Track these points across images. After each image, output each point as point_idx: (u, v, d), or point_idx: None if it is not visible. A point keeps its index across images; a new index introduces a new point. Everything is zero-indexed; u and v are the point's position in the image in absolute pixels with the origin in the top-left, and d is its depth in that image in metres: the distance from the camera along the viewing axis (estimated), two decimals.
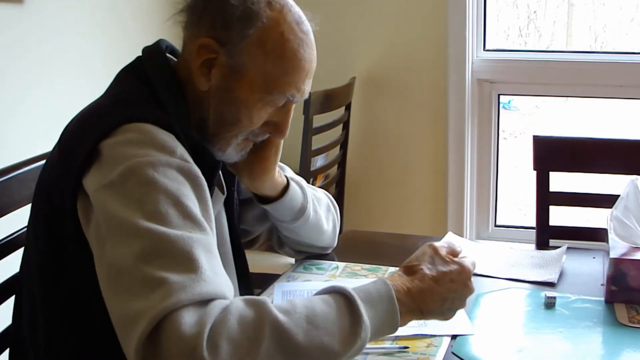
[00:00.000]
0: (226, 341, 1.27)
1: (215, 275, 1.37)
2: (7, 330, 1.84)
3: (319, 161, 3.98)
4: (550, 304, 1.85)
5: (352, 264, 2.14)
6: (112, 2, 3.62)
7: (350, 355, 1.39)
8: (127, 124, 1.51)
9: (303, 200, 1.97)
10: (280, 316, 1.34)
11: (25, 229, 1.86)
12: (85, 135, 1.54)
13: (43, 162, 1.89)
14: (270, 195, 1.94)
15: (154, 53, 1.73)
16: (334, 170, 4.03)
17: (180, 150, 1.53)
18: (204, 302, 1.31)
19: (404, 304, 1.50)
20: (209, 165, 1.66)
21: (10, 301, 1.82)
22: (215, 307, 1.31)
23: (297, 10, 1.69)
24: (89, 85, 3.22)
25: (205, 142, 1.68)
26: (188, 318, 1.27)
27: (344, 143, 4.03)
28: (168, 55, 1.75)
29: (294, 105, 1.73)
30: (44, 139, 2.04)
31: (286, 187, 1.94)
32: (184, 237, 1.38)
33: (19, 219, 1.88)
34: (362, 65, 4.28)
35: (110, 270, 1.38)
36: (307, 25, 1.70)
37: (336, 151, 3.99)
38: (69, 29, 3.33)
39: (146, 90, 1.66)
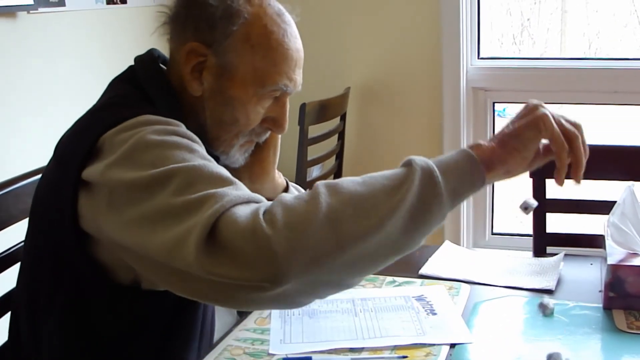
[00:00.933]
0: (282, 210, 1.28)
1: (250, 191, 1.40)
2: (3, 346, 1.84)
3: (314, 171, 3.97)
4: (548, 311, 1.84)
5: None
6: (104, 17, 3.62)
7: (420, 189, 1.37)
8: (126, 121, 1.51)
9: None
10: (336, 180, 1.36)
11: (21, 244, 1.86)
12: (83, 136, 1.54)
13: (39, 176, 1.89)
14: (270, 198, 1.93)
15: (147, 63, 1.74)
16: None
17: (182, 125, 1.54)
18: (252, 201, 1.34)
19: (478, 146, 1.48)
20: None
21: (6, 317, 1.82)
22: (265, 203, 1.33)
23: (275, 3, 1.70)
24: (83, 100, 3.15)
25: (207, 148, 1.68)
26: (241, 212, 1.29)
27: (339, 153, 4.03)
28: (161, 65, 1.76)
29: (288, 98, 1.73)
30: (39, 154, 2.04)
31: (285, 189, 1.94)
32: (209, 164, 1.41)
33: (15, 233, 1.87)
34: (356, 75, 4.29)
35: (145, 218, 1.37)
36: (289, 17, 1.71)
37: (332, 161, 3.99)
38: (62, 44, 3.34)
39: (140, 95, 1.66)
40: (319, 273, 1.29)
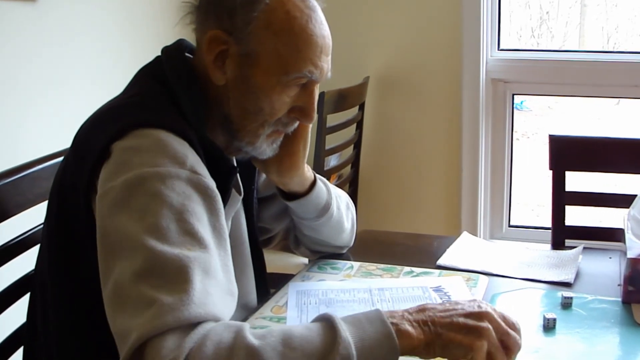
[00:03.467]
0: None
1: (208, 296, 1.35)
2: (22, 328, 1.85)
3: (332, 161, 3.97)
4: (566, 304, 1.83)
5: (367, 263, 2.12)
6: (125, 2, 3.62)
7: None
8: (140, 129, 1.50)
9: (327, 197, 1.96)
10: (256, 341, 1.29)
11: (40, 227, 1.87)
12: (99, 135, 1.53)
13: (55, 160, 1.90)
14: (297, 191, 1.92)
15: (173, 53, 1.73)
16: (347, 170, 4.02)
17: (192, 160, 1.51)
18: (190, 325, 1.30)
19: (408, 336, 1.36)
20: (225, 171, 1.64)
21: (24, 299, 1.82)
22: (198, 333, 1.29)
23: None
24: (102, 84, 3.25)
25: (233, 139, 1.67)
26: (169, 343, 1.27)
27: (357, 142, 4.02)
28: (188, 55, 1.74)
29: (316, 87, 1.70)
30: (57, 138, 2.04)
31: (313, 182, 1.93)
32: (181, 256, 1.37)
33: (32, 217, 1.87)
34: (375, 64, 4.28)
35: (113, 285, 1.38)
36: (313, 2, 1.68)
37: (350, 151, 3.98)
38: (82, 28, 3.33)
39: (163, 92, 1.64)
40: None
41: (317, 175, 1.96)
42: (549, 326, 1.73)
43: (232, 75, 1.64)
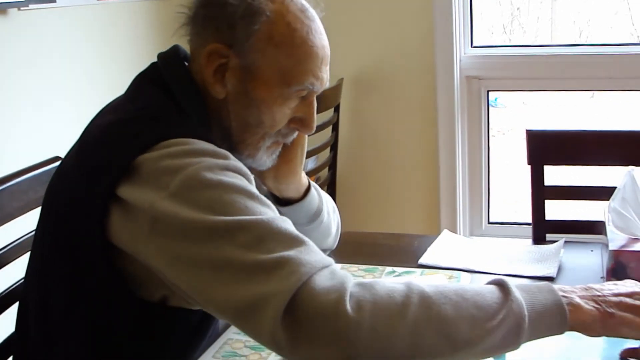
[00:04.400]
0: (372, 304, 1.24)
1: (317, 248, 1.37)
2: (8, 340, 1.84)
3: (309, 164, 3.96)
4: None
5: (349, 265, 2.12)
6: (97, 12, 3.60)
7: (504, 333, 1.32)
8: (166, 140, 1.47)
9: (319, 203, 1.94)
10: (429, 287, 1.31)
11: (19, 240, 1.85)
12: (117, 150, 1.49)
13: (34, 172, 1.88)
14: (292, 197, 1.91)
15: (171, 60, 1.69)
16: (324, 173, 4.02)
17: (230, 154, 1.50)
18: (325, 268, 1.30)
19: (578, 308, 1.39)
20: None
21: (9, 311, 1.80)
22: (339, 271, 1.30)
23: None
24: (80, 96, 3.22)
25: (233, 151, 1.64)
26: (321, 283, 1.25)
27: (333, 145, 4.02)
28: (185, 63, 1.71)
29: (315, 97, 1.69)
30: (38, 151, 2.02)
31: (307, 188, 1.92)
32: (274, 217, 1.37)
33: (12, 230, 1.86)
34: (349, 66, 4.27)
35: (209, 267, 1.33)
36: (312, 12, 1.67)
37: (326, 153, 3.98)
38: (63, 41, 3.32)
39: (170, 103, 1.61)
40: None
41: (312, 183, 1.95)
42: None
43: (233, 88, 1.62)
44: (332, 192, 4.05)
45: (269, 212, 1.40)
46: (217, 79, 1.62)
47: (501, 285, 1.37)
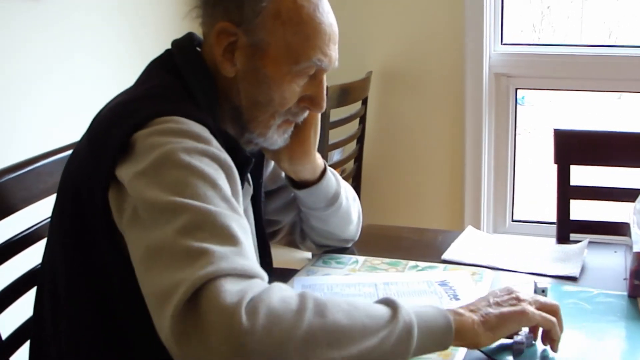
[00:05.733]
0: (267, 309, 1.23)
1: (252, 256, 1.35)
2: (27, 323, 1.84)
3: (335, 155, 3.97)
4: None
5: (372, 257, 2.12)
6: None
7: (394, 342, 1.34)
8: (162, 117, 1.49)
9: (337, 186, 1.96)
10: (322, 297, 1.32)
11: (45, 222, 1.86)
12: (118, 127, 1.51)
13: (60, 155, 1.89)
14: (308, 180, 1.92)
15: (184, 46, 1.73)
16: (350, 165, 4.02)
17: (215, 142, 1.51)
18: (246, 276, 1.29)
19: (460, 316, 1.48)
20: (241, 161, 1.62)
21: (30, 294, 1.82)
22: (257, 283, 1.29)
23: None
24: (105, 81, 3.25)
25: (243, 131, 1.67)
26: (229, 286, 1.24)
27: (360, 137, 4.03)
28: (197, 49, 1.74)
29: (325, 75, 1.71)
30: (59, 134, 2.03)
31: (323, 171, 1.94)
32: (224, 212, 1.36)
33: (37, 212, 1.87)
34: (378, 59, 4.28)
35: (148, 250, 1.34)
36: None
37: (353, 145, 3.99)
38: (85, 25, 3.32)
39: (178, 84, 1.64)
40: None
41: (329, 168, 1.96)
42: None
43: (242, 66, 1.65)
44: (357, 185, 4.06)
45: (223, 207, 1.39)
46: (227, 57, 1.65)
47: (390, 301, 1.40)
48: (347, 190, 2.03)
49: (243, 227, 1.39)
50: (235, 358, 1.19)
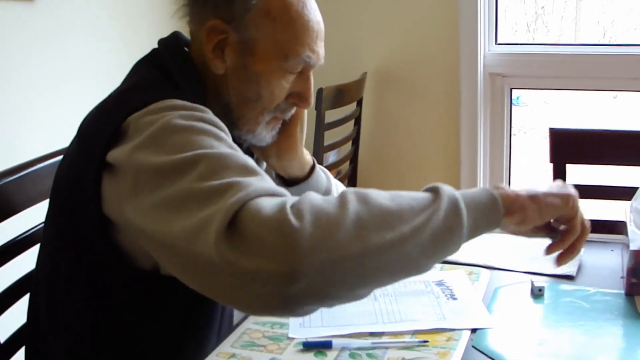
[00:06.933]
0: (310, 207, 1.25)
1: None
2: (21, 328, 1.85)
3: (331, 157, 3.97)
4: (538, 296, 1.85)
5: None
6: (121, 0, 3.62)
7: (444, 214, 1.36)
8: (154, 103, 1.50)
9: (327, 183, 1.96)
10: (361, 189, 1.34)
11: (40, 225, 1.86)
12: (107, 118, 1.52)
13: (56, 159, 1.89)
14: (297, 177, 1.92)
15: (171, 44, 1.73)
16: (346, 166, 4.02)
17: (211, 112, 1.52)
18: (277, 194, 1.31)
19: (502, 189, 1.51)
20: None
21: (24, 300, 1.82)
22: (290, 197, 1.30)
23: None
24: (100, 82, 3.25)
25: (232, 128, 1.67)
26: (266, 203, 1.25)
27: (355, 138, 4.03)
28: (184, 48, 1.75)
29: (312, 72, 1.73)
30: (56, 136, 2.03)
31: (312, 167, 1.93)
32: (236, 154, 1.38)
33: (34, 215, 1.87)
34: (373, 60, 4.28)
35: (170, 202, 1.33)
36: None
37: (348, 147, 3.99)
38: (79, 27, 3.33)
39: (166, 80, 1.65)
40: (335, 277, 1.25)
41: (318, 165, 1.96)
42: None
43: (232, 64, 1.65)
44: (352, 186, 4.06)
45: (232, 152, 1.40)
46: (217, 54, 1.65)
47: (429, 187, 1.44)
48: (338, 188, 2.04)
49: (255, 164, 1.40)
50: (294, 260, 1.20)
